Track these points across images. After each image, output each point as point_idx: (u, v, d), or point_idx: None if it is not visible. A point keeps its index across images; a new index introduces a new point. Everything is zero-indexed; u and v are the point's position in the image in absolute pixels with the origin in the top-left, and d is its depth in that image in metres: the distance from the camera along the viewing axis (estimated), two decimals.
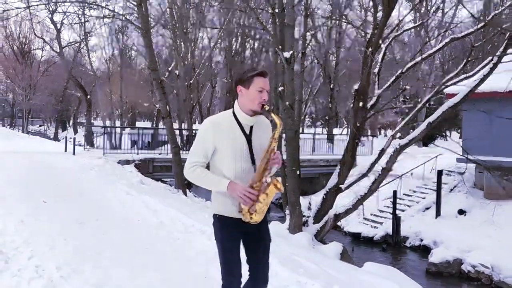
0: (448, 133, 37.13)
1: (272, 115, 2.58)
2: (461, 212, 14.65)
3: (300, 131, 34.08)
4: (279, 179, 2.61)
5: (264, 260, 2.72)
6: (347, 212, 10.83)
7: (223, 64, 29.35)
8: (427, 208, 15.61)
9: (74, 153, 15.41)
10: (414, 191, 17.00)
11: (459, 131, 31.82)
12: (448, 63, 32.36)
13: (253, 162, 2.59)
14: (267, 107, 2.57)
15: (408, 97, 35.23)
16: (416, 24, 12.58)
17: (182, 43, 22.23)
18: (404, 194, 16.83)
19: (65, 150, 16.87)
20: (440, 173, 15.49)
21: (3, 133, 28.95)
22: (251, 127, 2.63)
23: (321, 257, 6.86)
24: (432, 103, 26.49)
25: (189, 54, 22.31)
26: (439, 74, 28.88)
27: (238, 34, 26.02)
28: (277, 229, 10.28)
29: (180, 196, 10.63)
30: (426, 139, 32.35)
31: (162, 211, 7.00)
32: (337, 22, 21.06)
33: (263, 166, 2.54)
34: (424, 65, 29.22)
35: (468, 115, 15.46)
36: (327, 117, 29.79)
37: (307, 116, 47.66)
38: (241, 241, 2.68)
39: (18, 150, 16.30)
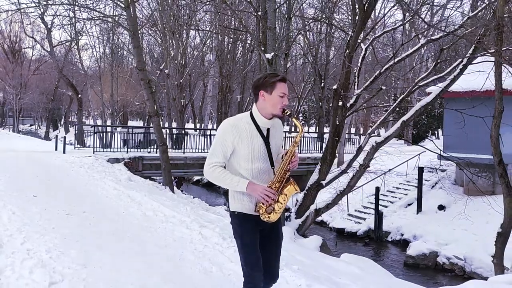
0: (440, 131, 37.79)
1: (294, 120, 2.69)
2: (441, 207, 15.21)
3: (292, 129, 34.62)
4: None
5: (275, 257, 2.85)
6: (327, 207, 11.28)
7: (215, 63, 29.71)
8: (409, 204, 16.17)
9: (64, 152, 15.73)
10: (398, 188, 17.54)
11: None
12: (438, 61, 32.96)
13: (272, 163, 2.69)
14: (288, 112, 2.65)
15: (398, 96, 35.90)
16: (395, 26, 13.06)
17: (173, 41, 22.60)
18: (387, 190, 17.38)
19: (56, 149, 17.18)
20: (421, 170, 16.04)
21: None
22: (268, 129, 2.72)
23: (295, 247, 7.29)
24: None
25: (179, 54, 22.66)
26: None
27: (230, 34, 26.38)
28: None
29: (167, 193, 11.02)
30: (416, 138, 33.10)
31: (146, 204, 7.43)
32: (323, 23, 21.49)
33: (284, 168, 2.65)
34: (416, 63, 29.78)
35: (447, 114, 16.01)
36: (319, 116, 30.26)
37: (300, 115, 48.27)
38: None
39: (9, 149, 16.60)
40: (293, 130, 35.73)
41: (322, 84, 27.68)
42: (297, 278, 4.20)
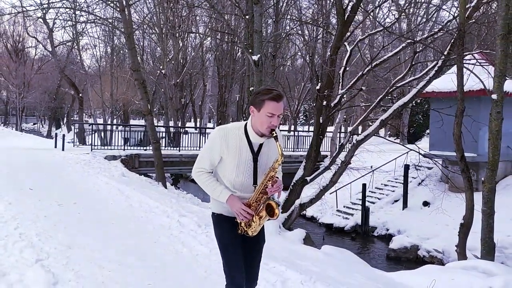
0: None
1: (277, 144, 2.57)
2: (426, 203, 15.75)
3: (292, 128, 35.13)
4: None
5: (256, 260, 2.84)
6: (311, 201, 11.83)
7: (213, 63, 30.27)
8: (396, 201, 16.70)
9: (63, 149, 16.33)
10: (385, 185, 18.06)
11: None
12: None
13: (255, 181, 2.64)
14: (275, 133, 2.54)
15: (395, 96, 36.49)
16: (376, 30, 13.54)
17: (170, 41, 23.19)
18: (375, 187, 17.91)
19: (55, 146, 17.78)
20: (407, 168, 16.56)
21: None
22: (261, 144, 2.64)
23: (275, 238, 7.83)
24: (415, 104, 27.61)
25: (177, 54, 23.24)
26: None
27: (225, 35, 26.92)
28: None
29: (158, 188, 11.58)
30: (413, 137, 33.82)
31: (134, 197, 8.01)
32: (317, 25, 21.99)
33: (260, 190, 2.61)
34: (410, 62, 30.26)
35: (432, 114, 16.54)
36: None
37: (300, 115, 48.87)
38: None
39: (11, 146, 17.22)
40: (292, 129, 36.22)
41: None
42: None
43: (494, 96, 6.90)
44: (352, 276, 5.10)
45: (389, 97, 37.18)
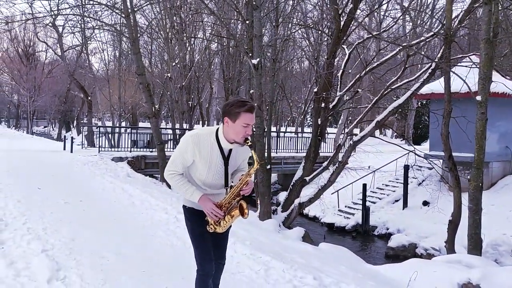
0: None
1: (252, 152, 2.80)
2: (425, 203, 16.00)
3: (299, 130, 35.42)
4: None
5: (223, 244, 3.12)
6: (310, 201, 12.19)
7: (219, 65, 30.67)
8: (396, 200, 16.97)
9: (71, 151, 16.82)
10: (387, 185, 18.33)
11: None
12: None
13: (226, 183, 2.87)
14: (249, 142, 2.75)
15: (394, 97, 36.76)
16: (367, 36, 13.86)
17: (176, 45, 23.65)
18: (377, 188, 18.18)
19: (64, 148, 18.30)
20: (406, 168, 16.83)
21: (9, 133, 30.81)
22: (230, 149, 2.86)
23: (273, 235, 8.16)
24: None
25: (182, 58, 23.68)
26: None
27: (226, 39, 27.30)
28: (248, 217, 11.72)
29: (162, 188, 11.96)
30: (418, 138, 34.04)
31: (136, 195, 8.43)
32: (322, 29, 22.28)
33: (235, 193, 2.82)
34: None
35: (432, 115, 16.76)
36: None
37: (308, 116, 49.24)
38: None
39: (21, 148, 17.77)
40: (299, 130, 36.49)
41: None
42: (244, 250, 5.13)
43: (478, 98, 7.21)
44: (336, 267, 5.44)
45: (394, 98, 37.51)
